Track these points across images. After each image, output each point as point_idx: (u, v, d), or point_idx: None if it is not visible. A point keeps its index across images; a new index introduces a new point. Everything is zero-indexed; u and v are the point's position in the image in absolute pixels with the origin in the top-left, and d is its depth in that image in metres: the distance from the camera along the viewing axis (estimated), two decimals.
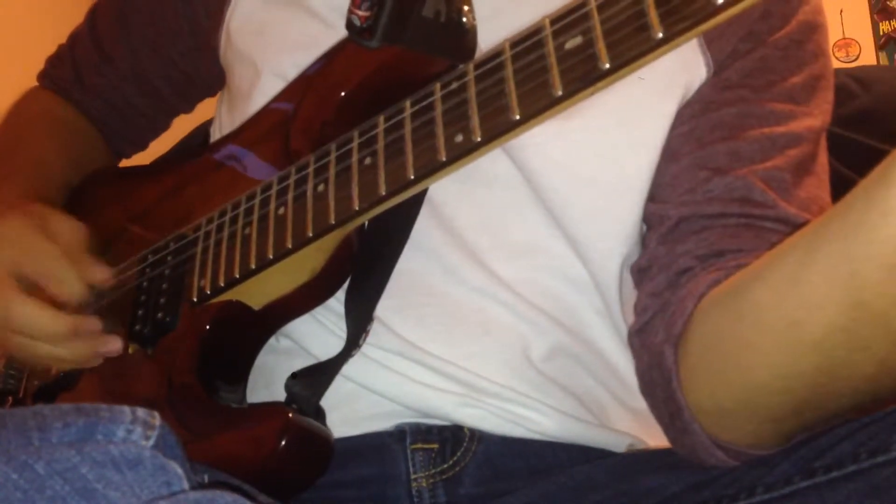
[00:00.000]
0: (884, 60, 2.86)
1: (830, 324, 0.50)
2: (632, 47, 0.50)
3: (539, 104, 0.53)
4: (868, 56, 2.86)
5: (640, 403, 0.73)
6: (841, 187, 0.54)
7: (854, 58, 2.83)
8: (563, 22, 0.54)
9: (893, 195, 0.46)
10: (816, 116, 0.69)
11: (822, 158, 0.70)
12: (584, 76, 0.52)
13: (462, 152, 0.56)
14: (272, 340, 0.72)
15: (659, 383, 0.63)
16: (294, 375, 0.68)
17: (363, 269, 0.68)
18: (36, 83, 0.97)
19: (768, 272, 0.54)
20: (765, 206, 0.64)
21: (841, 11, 2.81)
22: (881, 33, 2.90)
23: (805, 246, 0.52)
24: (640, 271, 0.69)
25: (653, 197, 0.69)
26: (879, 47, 2.90)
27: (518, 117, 0.54)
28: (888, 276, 0.47)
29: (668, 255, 0.66)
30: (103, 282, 0.74)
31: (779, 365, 0.53)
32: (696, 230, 0.65)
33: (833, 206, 0.51)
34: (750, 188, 0.64)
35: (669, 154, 0.69)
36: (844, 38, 2.87)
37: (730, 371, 0.57)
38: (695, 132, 0.68)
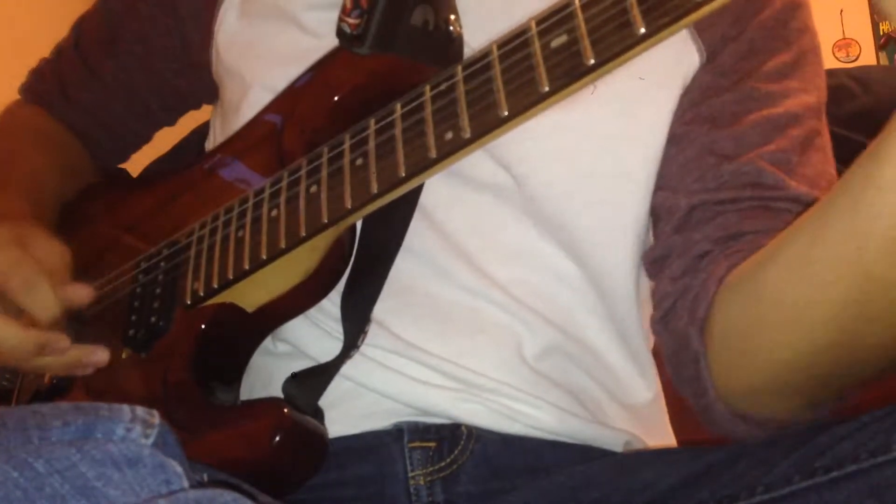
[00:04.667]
0: (884, 60, 2.89)
1: (843, 299, 0.54)
2: (616, 43, 0.53)
3: (527, 100, 0.56)
4: (868, 56, 2.89)
5: (637, 401, 0.76)
6: None
7: (854, 58, 2.86)
8: (549, 22, 0.57)
9: (885, 170, 0.50)
10: (811, 92, 0.72)
11: (825, 133, 0.73)
12: (570, 72, 0.54)
13: (452, 149, 0.59)
14: (269, 345, 0.74)
15: (687, 365, 0.67)
16: (293, 376, 0.70)
17: (359, 272, 0.71)
18: (20, 94, 0.98)
19: (781, 255, 0.59)
20: (775, 187, 0.67)
21: (841, 11, 2.84)
22: (881, 33, 2.93)
23: (812, 227, 0.56)
24: (656, 261, 0.72)
25: (660, 186, 0.72)
26: (879, 47, 2.93)
27: (506, 113, 0.56)
28: (892, 246, 0.51)
29: (685, 242, 0.69)
30: (81, 301, 0.73)
31: (799, 342, 0.58)
32: (711, 216, 0.68)
33: (834, 186, 0.55)
34: (759, 172, 0.68)
35: (675, 141, 0.72)
36: (844, 38, 2.90)
37: (754, 351, 0.61)
38: (697, 119, 0.71)
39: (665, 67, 0.71)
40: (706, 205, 0.69)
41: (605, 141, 0.70)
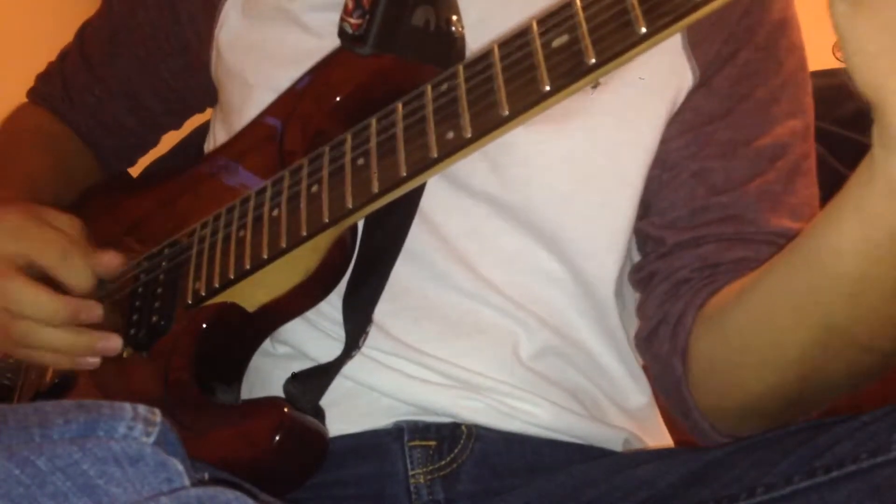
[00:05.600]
0: None
1: (805, 342, 0.59)
2: (617, 42, 0.53)
3: (528, 100, 0.56)
4: None
5: (632, 404, 0.77)
6: (840, 187, 0.58)
7: None
8: (550, 22, 0.57)
9: (842, 237, 0.54)
10: (798, 115, 0.74)
11: (812, 153, 0.75)
12: (571, 71, 0.55)
13: (453, 149, 0.59)
14: (269, 346, 0.74)
15: (671, 388, 0.71)
16: (294, 376, 0.71)
17: (361, 272, 0.71)
18: (27, 97, 0.99)
19: (747, 302, 0.63)
20: (756, 223, 0.71)
21: None
22: None
23: (774, 279, 0.61)
24: (640, 281, 0.74)
25: (650, 213, 0.74)
26: None
27: (507, 113, 0.57)
28: (847, 300, 0.56)
29: (668, 268, 0.72)
30: (114, 268, 0.75)
31: (767, 378, 0.63)
32: (692, 247, 0.71)
33: (793, 242, 0.60)
34: (743, 207, 0.71)
35: (667, 166, 0.73)
36: None
37: (726, 385, 0.66)
38: (690, 147, 0.73)
39: (661, 77, 0.72)
40: (690, 239, 0.72)
41: (607, 147, 0.71)
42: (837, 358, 0.59)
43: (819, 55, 0.78)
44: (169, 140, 1.02)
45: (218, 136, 0.85)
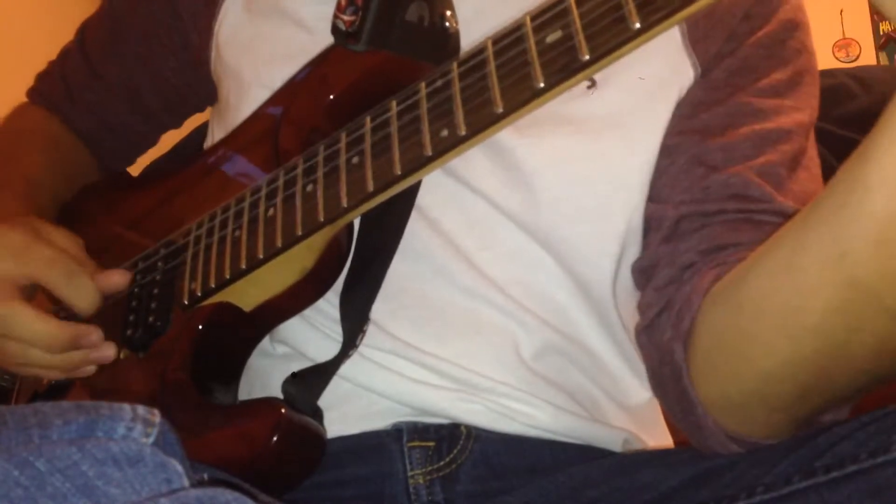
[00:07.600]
0: (884, 60, 2.91)
1: (827, 306, 0.54)
2: (610, 38, 0.54)
3: (522, 96, 0.57)
4: (868, 56, 2.92)
5: (634, 401, 0.77)
6: None
7: (854, 58, 2.89)
8: (544, 17, 0.58)
9: (872, 171, 0.50)
10: (804, 110, 0.73)
11: (813, 153, 0.75)
12: (565, 68, 0.55)
13: (448, 146, 0.60)
14: (268, 346, 0.75)
15: (670, 380, 0.67)
16: (293, 376, 0.71)
17: (357, 271, 0.72)
18: (26, 97, 1.00)
19: (763, 262, 0.59)
20: (761, 200, 0.68)
21: (841, 11, 2.87)
22: (881, 33, 2.96)
23: (795, 233, 0.57)
24: (643, 271, 0.73)
25: (651, 197, 0.73)
26: (879, 47, 2.96)
27: (501, 110, 0.58)
28: (876, 251, 0.51)
29: (672, 252, 0.70)
30: (121, 287, 0.75)
31: (782, 352, 0.57)
32: (697, 227, 0.69)
33: (819, 193, 0.56)
34: (746, 184, 0.69)
35: (666, 153, 0.73)
36: (844, 38, 2.93)
37: (736, 363, 0.61)
38: (688, 131, 0.73)
39: (661, 79, 0.72)
40: (693, 216, 0.69)
41: (600, 150, 0.71)
42: (861, 329, 0.53)
43: (819, 55, 0.79)
44: (169, 140, 1.03)
45: (216, 134, 0.86)
